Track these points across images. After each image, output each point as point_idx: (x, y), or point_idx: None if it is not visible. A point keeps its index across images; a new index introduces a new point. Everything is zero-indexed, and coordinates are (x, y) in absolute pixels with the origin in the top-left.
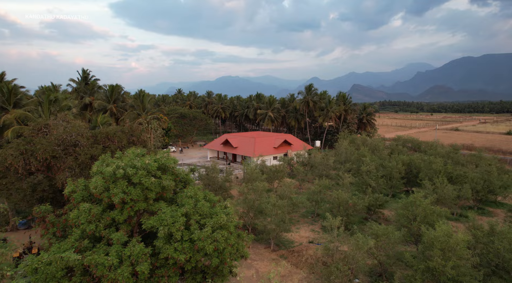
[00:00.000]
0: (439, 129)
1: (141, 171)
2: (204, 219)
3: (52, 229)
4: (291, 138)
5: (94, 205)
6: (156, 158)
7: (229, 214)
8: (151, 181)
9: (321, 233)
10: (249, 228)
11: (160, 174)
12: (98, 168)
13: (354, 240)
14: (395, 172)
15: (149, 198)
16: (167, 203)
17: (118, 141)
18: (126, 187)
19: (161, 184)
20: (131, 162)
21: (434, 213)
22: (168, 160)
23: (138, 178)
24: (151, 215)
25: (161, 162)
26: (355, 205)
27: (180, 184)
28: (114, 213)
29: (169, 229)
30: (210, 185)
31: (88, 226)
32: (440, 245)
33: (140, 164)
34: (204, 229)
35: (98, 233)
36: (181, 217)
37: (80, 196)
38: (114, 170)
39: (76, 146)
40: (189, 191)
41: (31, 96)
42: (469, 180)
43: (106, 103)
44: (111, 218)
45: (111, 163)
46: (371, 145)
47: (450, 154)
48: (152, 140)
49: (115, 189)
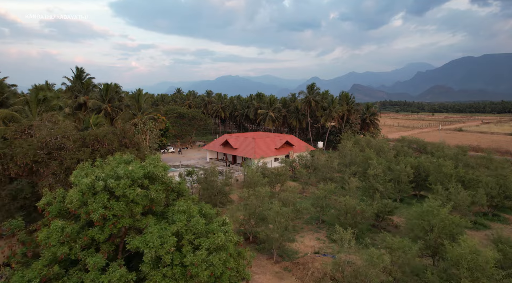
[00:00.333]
0: (442, 130)
1: (124, 181)
2: (199, 239)
3: (22, 249)
4: (293, 139)
5: (69, 222)
6: (142, 165)
7: (228, 232)
8: (137, 192)
9: (326, 242)
10: (250, 236)
11: (147, 183)
12: (76, 179)
13: (368, 256)
14: (403, 176)
15: (136, 212)
16: (156, 217)
17: (109, 144)
18: (108, 200)
19: (149, 195)
20: (114, 171)
21: (453, 224)
22: (156, 167)
23: (122, 190)
24: (139, 232)
25: (148, 169)
26: (364, 212)
27: (172, 194)
28: (94, 231)
29: (157, 252)
30: (208, 189)
31: (60, 248)
32: (467, 263)
33: (123, 171)
34: (199, 252)
35: (74, 256)
36: (171, 237)
37: (57, 209)
38: (92, 182)
39: (62, 149)
40: (181, 204)
41: (22, 94)
42: (483, 185)
43: (100, 102)
44: (90, 237)
45: (90, 172)
46: (375, 146)
47: (459, 155)
48: (148, 142)
49: (94, 203)
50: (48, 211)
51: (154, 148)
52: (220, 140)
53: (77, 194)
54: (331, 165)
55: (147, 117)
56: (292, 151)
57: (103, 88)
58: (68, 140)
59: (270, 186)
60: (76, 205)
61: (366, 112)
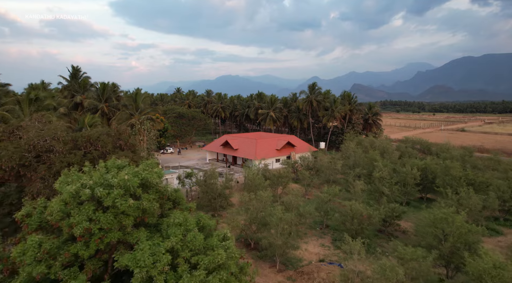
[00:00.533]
0: (444, 130)
1: (117, 190)
2: (197, 256)
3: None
4: (295, 139)
5: (49, 237)
6: (136, 171)
7: (229, 249)
8: (128, 203)
9: (332, 248)
10: (252, 242)
11: (140, 192)
12: (60, 186)
13: (379, 267)
14: (410, 178)
15: (126, 225)
16: (149, 230)
17: (102, 146)
18: (94, 212)
19: (142, 206)
20: (104, 179)
21: (470, 232)
22: (151, 173)
23: (112, 200)
24: (129, 247)
25: (142, 176)
26: (370, 217)
27: (167, 203)
28: (77, 247)
29: (149, 272)
30: (208, 192)
31: (36, 267)
32: (492, 280)
33: (116, 180)
34: (196, 272)
35: (53, 275)
36: (165, 255)
37: (37, 221)
38: (77, 190)
39: (51, 152)
40: (177, 216)
41: (15, 94)
42: (494, 188)
43: (97, 102)
44: (72, 254)
45: (76, 179)
46: (379, 147)
47: (465, 157)
48: (145, 143)
49: (77, 215)
50: (26, 224)
51: (152, 149)
52: (220, 141)
53: (58, 204)
54: (335, 166)
55: (145, 118)
56: (294, 152)
57: (100, 88)
58: (58, 142)
59: (271, 188)
60: (57, 217)
61: (369, 112)
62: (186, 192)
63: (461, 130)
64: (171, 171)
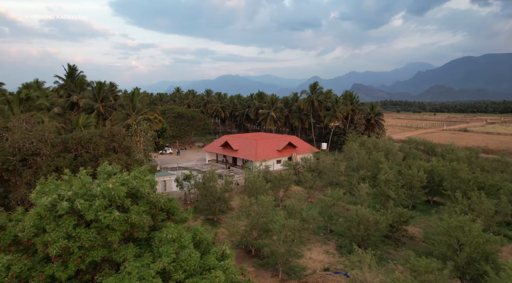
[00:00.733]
0: (447, 130)
1: (99, 201)
2: (191, 278)
3: None
4: (296, 140)
5: (19, 257)
6: (125, 179)
7: (228, 269)
8: (114, 217)
9: (336, 255)
10: (253, 249)
11: (129, 203)
12: (36, 198)
13: (392, 281)
14: (416, 181)
15: (112, 241)
16: (139, 245)
17: (94, 148)
18: (74, 228)
19: (130, 219)
20: (86, 188)
21: (488, 242)
22: (141, 182)
23: (94, 213)
24: (116, 266)
25: (131, 185)
26: (377, 222)
27: (160, 214)
28: (54, 267)
29: None
30: (207, 196)
31: None
32: None
33: (99, 189)
34: None
35: None
36: (155, 279)
37: (11, 237)
38: (53, 202)
39: (38, 155)
40: (170, 231)
41: (4, 93)
42: (505, 192)
43: (93, 102)
44: (48, 275)
45: (53, 189)
46: (383, 148)
47: (472, 158)
48: (142, 144)
49: (54, 232)
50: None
51: (149, 150)
52: (219, 141)
53: (32, 218)
54: (338, 168)
55: (142, 118)
56: (295, 153)
57: (96, 87)
58: (45, 144)
59: (273, 190)
60: (30, 233)
61: (371, 112)
62: (184, 195)
63: (463, 131)
64: (169, 173)
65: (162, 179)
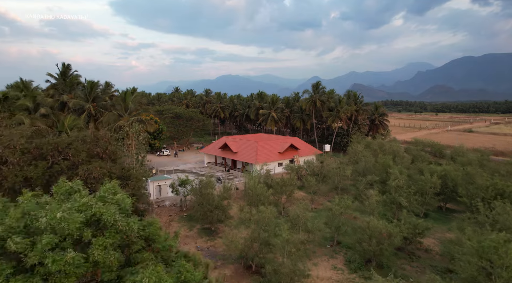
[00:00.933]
0: (451, 131)
1: (46, 238)
2: None
3: None
4: (298, 142)
5: None
6: (83, 203)
7: None
8: (66, 259)
9: (346, 272)
10: (253, 264)
11: (90, 236)
12: None
13: None
14: (429, 187)
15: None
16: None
17: (74, 155)
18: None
19: (92, 257)
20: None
21: None
22: (107, 206)
23: (38, 255)
24: None
25: (93, 211)
26: (391, 235)
27: (138, 242)
28: None
29: None
30: (203, 204)
31: None
32: None
33: (45, 220)
34: None
35: None
36: None
37: None
38: None
39: (5, 164)
40: (147, 275)
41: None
42: None
43: (84, 102)
44: None
45: None
46: (389, 150)
47: (483, 161)
48: (134, 148)
49: None
50: None
51: (141, 154)
52: (219, 143)
53: None
54: (344, 173)
55: (134, 119)
56: (298, 155)
57: (87, 86)
58: (13, 151)
59: (274, 196)
60: None
61: (375, 113)
62: (180, 201)
63: (468, 131)
64: (165, 177)
65: (157, 184)
